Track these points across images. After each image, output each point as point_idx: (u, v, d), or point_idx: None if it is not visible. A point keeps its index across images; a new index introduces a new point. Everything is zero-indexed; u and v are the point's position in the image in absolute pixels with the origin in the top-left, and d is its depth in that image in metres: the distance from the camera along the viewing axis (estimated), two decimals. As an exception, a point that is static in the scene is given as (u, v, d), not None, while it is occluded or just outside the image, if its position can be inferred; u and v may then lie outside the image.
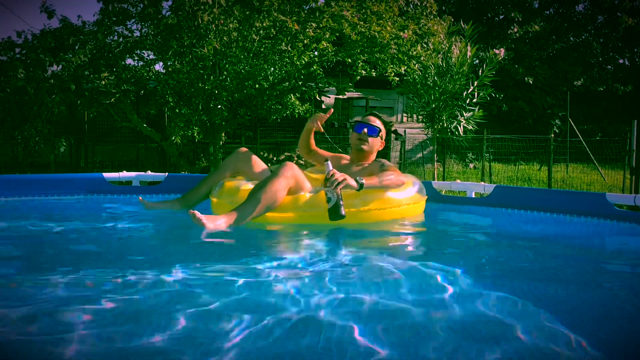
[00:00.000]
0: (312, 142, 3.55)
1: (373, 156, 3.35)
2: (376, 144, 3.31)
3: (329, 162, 2.84)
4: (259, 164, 3.25)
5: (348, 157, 3.46)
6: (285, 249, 2.60)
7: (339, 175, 2.75)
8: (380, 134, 3.31)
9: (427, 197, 3.39)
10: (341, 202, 2.73)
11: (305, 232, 2.84)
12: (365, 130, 3.26)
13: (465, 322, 1.55)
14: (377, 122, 3.32)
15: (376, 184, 2.91)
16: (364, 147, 3.26)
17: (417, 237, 3.09)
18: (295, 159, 9.66)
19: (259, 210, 2.74)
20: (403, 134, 12.00)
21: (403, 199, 3.08)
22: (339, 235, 2.85)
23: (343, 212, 2.73)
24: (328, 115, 3.30)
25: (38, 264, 2.11)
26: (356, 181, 2.81)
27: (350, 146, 3.40)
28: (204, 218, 2.61)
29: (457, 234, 3.23)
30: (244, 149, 3.32)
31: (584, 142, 11.96)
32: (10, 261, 2.19)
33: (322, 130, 3.31)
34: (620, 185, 9.01)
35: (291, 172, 2.85)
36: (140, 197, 3.23)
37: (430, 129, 7.20)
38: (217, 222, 2.65)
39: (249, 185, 2.99)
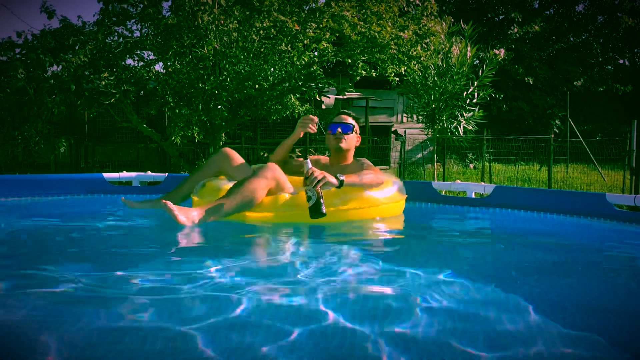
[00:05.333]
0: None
1: (351, 154, 3.38)
2: (352, 140, 3.34)
3: (309, 161, 2.87)
4: (242, 165, 3.25)
5: (327, 157, 3.46)
6: (275, 250, 2.59)
7: (319, 173, 2.77)
8: (354, 130, 3.34)
9: (406, 196, 3.43)
10: (322, 201, 2.75)
11: (300, 232, 2.84)
12: (340, 129, 3.29)
13: (462, 322, 1.55)
14: (349, 119, 3.35)
15: (356, 181, 2.95)
16: (342, 145, 3.29)
17: (416, 237, 3.09)
18: (295, 158, 9.65)
19: (234, 207, 2.76)
20: (403, 134, 12.00)
21: (382, 197, 3.12)
22: (318, 233, 2.86)
23: (324, 210, 2.75)
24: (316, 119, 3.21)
25: (35, 263, 2.11)
26: (336, 178, 2.84)
27: (329, 149, 3.40)
28: (175, 209, 2.63)
29: (457, 234, 3.22)
30: (228, 149, 3.32)
31: (584, 143, 11.95)
32: (7, 260, 2.18)
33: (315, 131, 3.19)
34: (620, 185, 9.01)
35: (271, 173, 2.87)
36: (123, 198, 3.21)
37: (430, 129, 7.20)
38: (190, 215, 2.67)
39: (230, 185, 2.98)
